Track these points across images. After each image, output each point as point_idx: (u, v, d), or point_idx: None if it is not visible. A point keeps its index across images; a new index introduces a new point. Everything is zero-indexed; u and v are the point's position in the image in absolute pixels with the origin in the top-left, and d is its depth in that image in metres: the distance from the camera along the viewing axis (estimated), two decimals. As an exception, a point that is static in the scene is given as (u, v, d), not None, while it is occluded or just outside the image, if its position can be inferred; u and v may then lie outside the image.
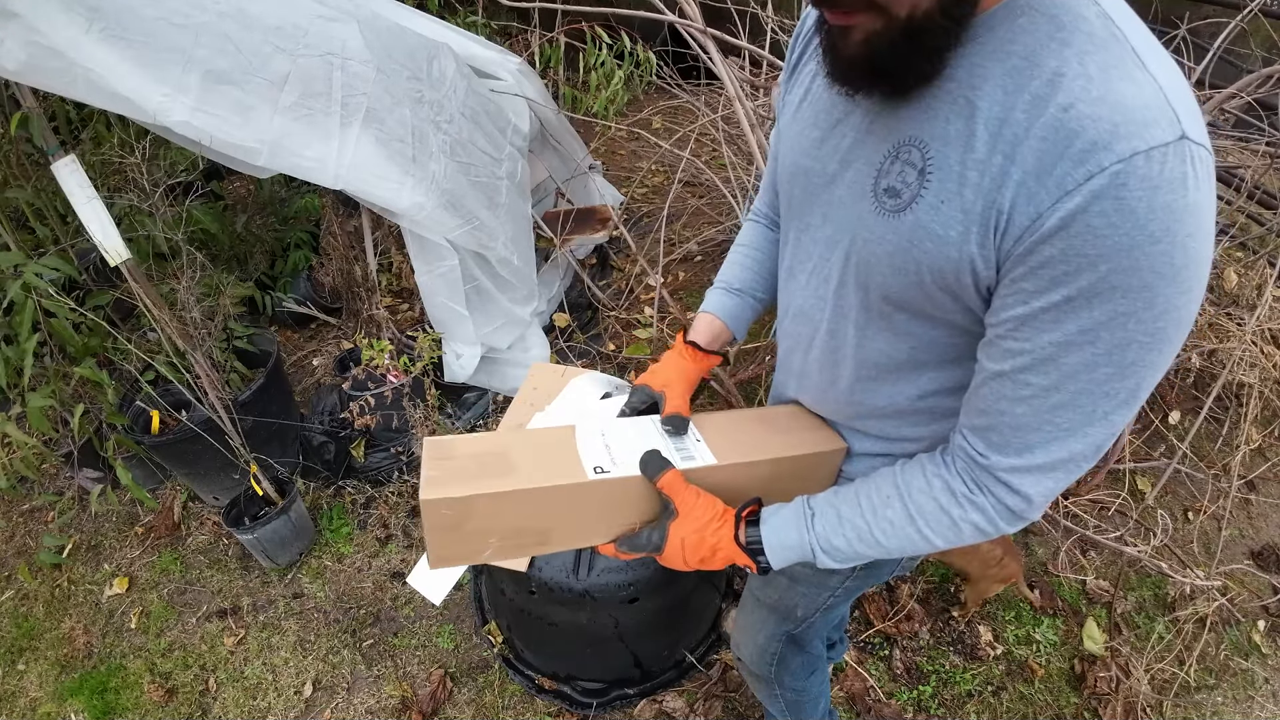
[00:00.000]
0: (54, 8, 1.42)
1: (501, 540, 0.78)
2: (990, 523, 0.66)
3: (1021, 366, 0.58)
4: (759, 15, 2.37)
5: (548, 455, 0.80)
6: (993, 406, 0.62)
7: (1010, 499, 0.64)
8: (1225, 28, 1.87)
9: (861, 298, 0.70)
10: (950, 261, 0.59)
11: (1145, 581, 1.94)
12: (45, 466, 2.33)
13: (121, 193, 2.08)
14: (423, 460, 0.76)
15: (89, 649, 1.94)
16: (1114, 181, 0.48)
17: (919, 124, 0.60)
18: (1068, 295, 0.53)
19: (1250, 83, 1.80)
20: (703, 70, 2.30)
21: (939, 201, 0.58)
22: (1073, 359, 0.55)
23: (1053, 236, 0.51)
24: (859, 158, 0.66)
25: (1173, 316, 0.52)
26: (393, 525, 2.17)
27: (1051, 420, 0.59)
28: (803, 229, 0.78)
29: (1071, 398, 0.57)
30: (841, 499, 0.75)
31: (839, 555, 0.74)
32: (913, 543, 0.71)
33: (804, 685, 1.24)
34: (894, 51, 0.55)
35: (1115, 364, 0.54)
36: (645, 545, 0.80)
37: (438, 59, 2.07)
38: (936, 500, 0.68)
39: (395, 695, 1.75)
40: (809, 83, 0.75)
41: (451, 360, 2.24)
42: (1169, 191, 0.48)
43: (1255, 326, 1.93)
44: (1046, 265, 0.52)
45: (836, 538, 0.73)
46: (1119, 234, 0.49)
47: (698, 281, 3.09)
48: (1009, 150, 0.53)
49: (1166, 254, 0.49)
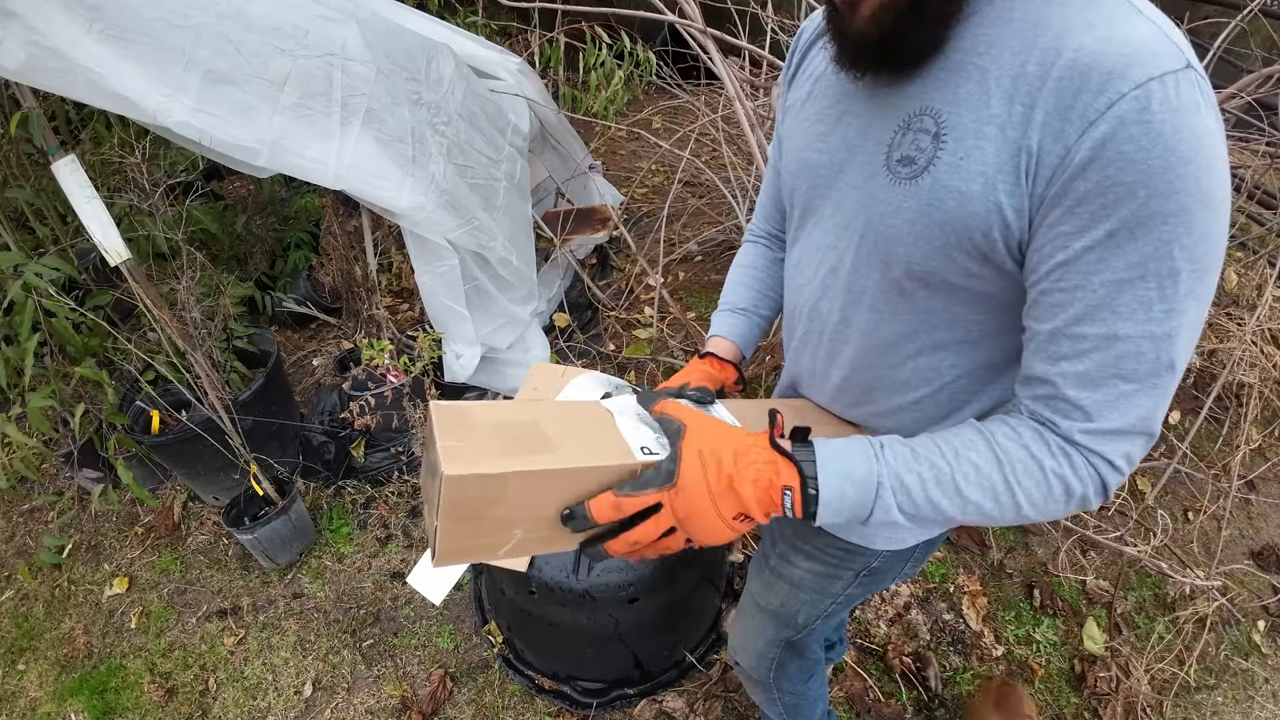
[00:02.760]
0: (54, 8, 1.42)
1: (526, 533, 0.63)
2: (1081, 483, 0.59)
3: (1074, 318, 0.56)
4: (759, 15, 2.37)
5: (587, 431, 0.67)
6: (1052, 371, 0.59)
7: (1097, 462, 0.59)
8: (1225, 28, 1.87)
9: (880, 277, 0.68)
10: (976, 217, 0.58)
11: (1145, 581, 1.94)
12: (45, 466, 2.33)
13: (121, 193, 2.08)
14: (434, 428, 0.60)
15: (89, 649, 1.94)
16: (1136, 106, 0.49)
17: (929, 94, 0.61)
18: (1110, 230, 0.52)
19: (1250, 83, 1.80)
20: (703, 70, 2.30)
21: (957, 159, 0.58)
22: (1125, 298, 0.53)
23: (1086, 169, 0.51)
24: (868, 140, 0.67)
25: (1210, 244, 0.52)
26: (393, 525, 2.17)
27: (1117, 371, 0.55)
28: (813, 225, 0.77)
29: (1135, 344, 0.54)
30: (913, 440, 0.65)
31: (907, 500, 0.62)
32: (996, 497, 0.61)
33: (802, 689, 1.24)
34: (900, 23, 0.57)
35: (1168, 298, 0.53)
36: (654, 480, 0.62)
37: (437, 60, 2.07)
38: (1027, 448, 0.60)
39: (395, 695, 1.75)
40: (810, 85, 0.76)
41: (451, 360, 2.24)
42: (1189, 114, 0.49)
43: (1255, 326, 1.93)
44: (1084, 201, 0.52)
45: (909, 474, 0.62)
46: (1151, 157, 0.49)
47: (698, 281, 3.09)
48: (1028, 99, 0.54)
49: (1196, 176, 0.50)
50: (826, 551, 0.93)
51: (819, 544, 0.94)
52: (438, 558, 0.61)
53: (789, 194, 0.81)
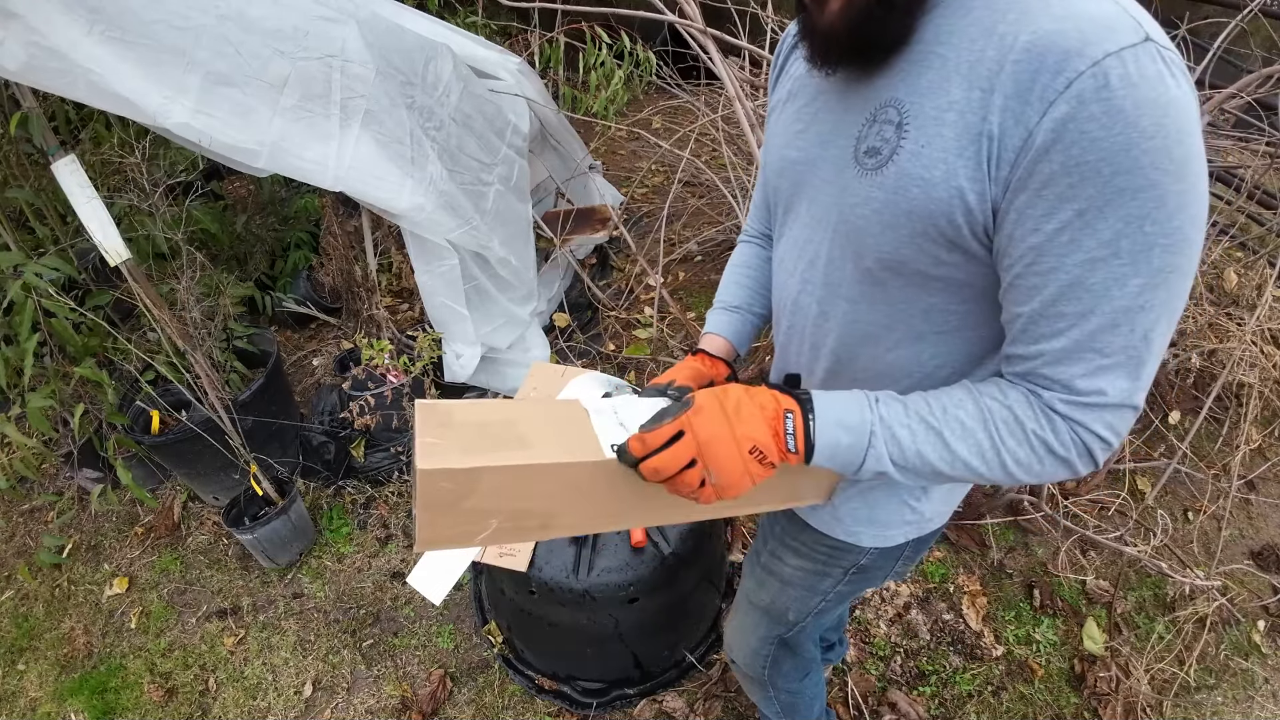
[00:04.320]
0: (54, 9, 1.42)
1: (502, 523, 0.69)
2: (1064, 448, 0.60)
3: (1050, 299, 0.56)
4: (759, 15, 2.37)
5: (561, 429, 0.71)
6: (1031, 350, 0.60)
7: (1080, 431, 0.59)
8: (1225, 28, 1.87)
9: (854, 268, 0.70)
10: (939, 203, 0.59)
11: (1145, 581, 1.94)
12: (45, 466, 2.34)
13: (121, 193, 2.08)
14: (416, 425, 0.66)
15: (89, 649, 1.94)
16: (1095, 84, 0.49)
17: (894, 87, 0.62)
18: (1078, 210, 0.52)
19: (1250, 83, 1.80)
20: (703, 70, 2.30)
21: (919, 147, 0.59)
22: (1099, 276, 0.54)
23: (1050, 150, 0.52)
24: (839, 134, 0.68)
25: (1186, 215, 0.52)
26: (393, 525, 2.17)
27: (1093, 347, 0.56)
28: (794, 220, 0.79)
29: (1110, 319, 0.55)
30: (905, 396, 0.68)
31: (898, 451, 0.64)
32: (983, 454, 0.63)
33: (798, 688, 1.25)
34: (868, 15, 0.59)
35: (1144, 273, 0.53)
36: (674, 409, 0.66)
37: (434, 61, 2.07)
38: (1011, 409, 0.61)
39: (395, 695, 1.75)
40: (791, 85, 0.79)
41: (451, 360, 2.24)
42: (1150, 87, 0.49)
43: (1255, 326, 1.92)
44: (1050, 183, 0.53)
45: (901, 428, 0.64)
46: (1113, 134, 0.50)
47: (698, 281, 3.09)
48: (986, 84, 0.55)
49: (1164, 149, 0.50)
50: (815, 549, 0.95)
51: (808, 540, 0.95)
52: (418, 544, 0.68)
53: (773, 193, 0.83)
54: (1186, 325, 2.15)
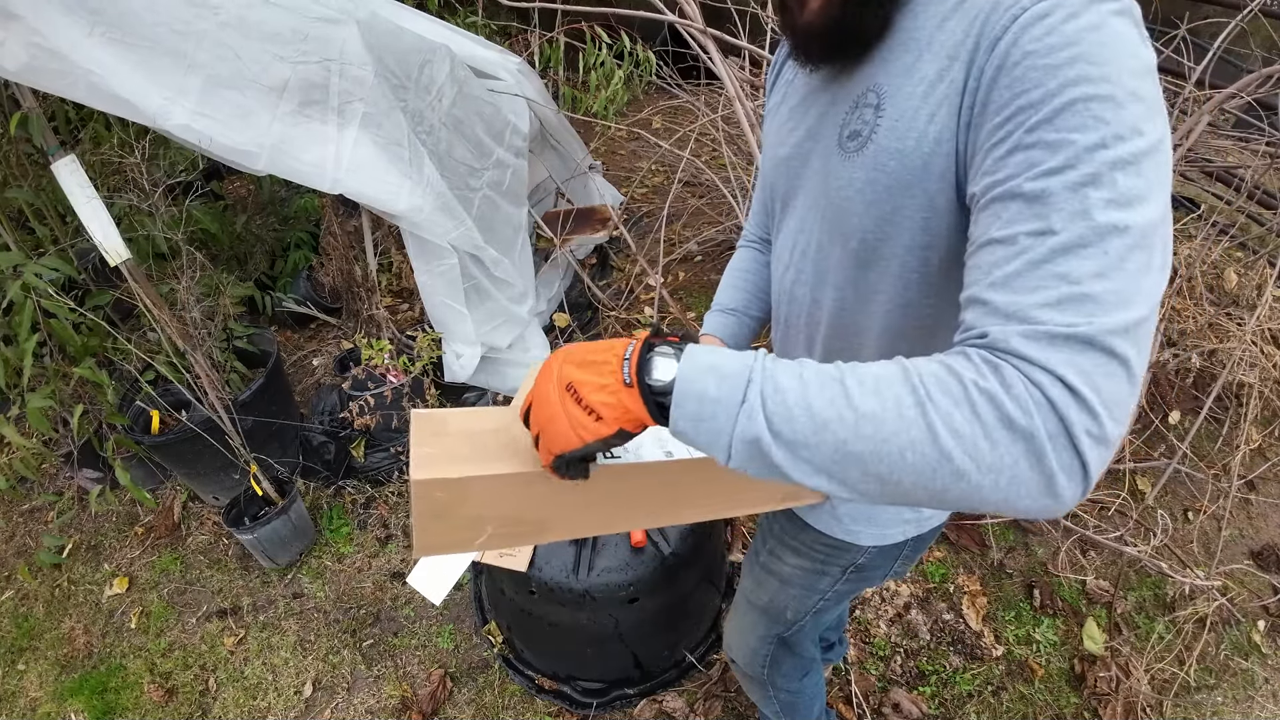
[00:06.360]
0: (55, 10, 1.43)
1: (496, 529, 0.70)
2: (1017, 403, 0.45)
3: (1007, 221, 0.50)
4: (759, 15, 2.37)
5: None
6: (983, 279, 0.50)
7: (1037, 375, 0.45)
8: (1225, 28, 1.87)
9: (842, 251, 0.70)
10: (914, 172, 0.60)
11: (1145, 581, 1.94)
12: (45, 467, 2.34)
13: (121, 193, 2.08)
14: (412, 435, 0.67)
15: (89, 649, 1.94)
16: (1037, 14, 0.51)
17: (873, 74, 0.64)
18: (1029, 125, 0.50)
19: (1250, 83, 1.80)
20: (703, 70, 2.30)
21: (894, 122, 0.61)
22: (1055, 185, 0.48)
23: (998, 78, 0.53)
24: (826, 126, 0.70)
25: (1145, 125, 0.48)
26: (393, 525, 2.17)
27: (1055, 271, 0.46)
28: (788, 215, 0.81)
29: (1075, 237, 0.46)
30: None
31: (779, 403, 0.49)
32: (901, 412, 0.47)
33: (798, 687, 1.25)
34: (845, 9, 0.61)
35: (1106, 186, 0.47)
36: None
37: (430, 64, 2.06)
38: (942, 362, 0.49)
39: (395, 695, 1.75)
40: (785, 89, 0.82)
41: (451, 360, 2.24)
42: (1093, 12, 0.50)
43: (1255, 326, 1.93)
44: (1003, 109, 0.52)
45: (787, 376, 0.50)
46: (1056, 53, 0.49)
47: (698, 281, 3.09)
48: (954, 50, 0.57)
49: (1115, 59, 0.49)
50: (813, 547, 0.95)
51: (807, 539, 0.95)
52: (416, 549, 0.70)
53: (770, 192, 0.84)
54: (1186, 325, 2.15)
